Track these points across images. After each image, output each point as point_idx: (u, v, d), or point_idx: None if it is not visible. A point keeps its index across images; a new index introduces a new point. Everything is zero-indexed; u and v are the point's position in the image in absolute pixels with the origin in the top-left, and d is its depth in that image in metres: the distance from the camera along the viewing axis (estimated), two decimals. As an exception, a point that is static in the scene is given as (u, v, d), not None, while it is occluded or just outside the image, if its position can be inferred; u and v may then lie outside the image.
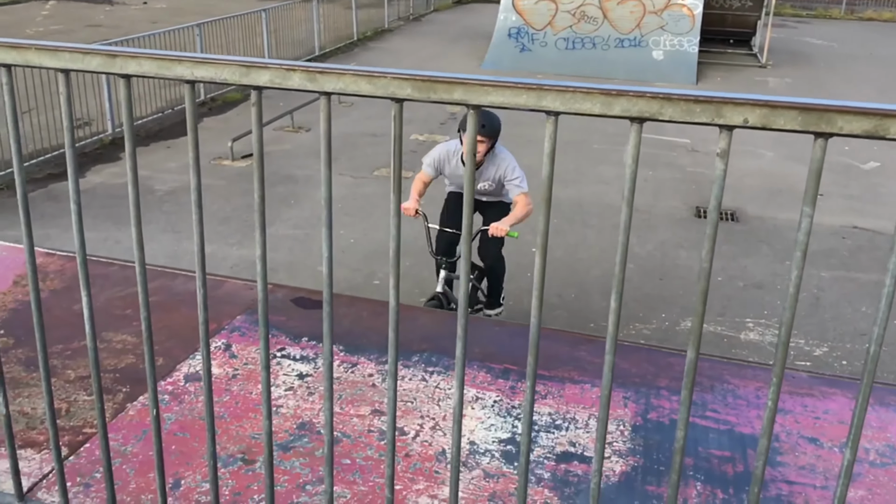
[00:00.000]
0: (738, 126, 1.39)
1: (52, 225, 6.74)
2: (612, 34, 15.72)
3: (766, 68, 15.76)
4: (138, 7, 21.14)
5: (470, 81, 1.50)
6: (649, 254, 6.88)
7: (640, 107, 1.43)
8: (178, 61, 1.63)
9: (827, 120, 1.35)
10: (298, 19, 15.60)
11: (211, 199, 7.43)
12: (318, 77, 1.56)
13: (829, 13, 24.85)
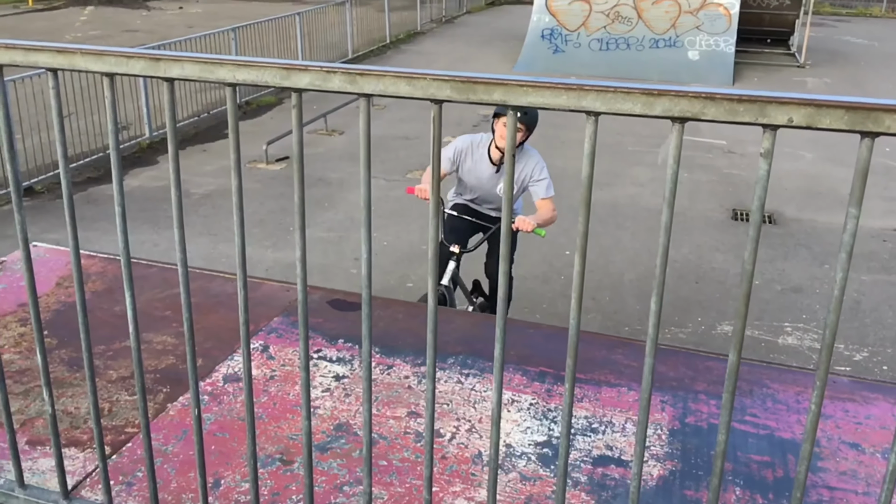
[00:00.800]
0: (783, 126, 1.37)
1: (92, 228, 6.86)
2: (647, 34, 15.60)
3: (804, 68, 15.52)
4: (174, 12, 21.45)
5: (509, 82, 1.50)
6: (685, 257, 6.81)
7: (682, 106, 1.41)
8: (220, 64, 1.65)
9: (874, 119, 1.33)
10: (332, 22, 15.71)
11: (246, 203, 7.50)
12: (358, 79, 1.57)
13: (870, 11, 24.40)
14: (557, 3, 15.95)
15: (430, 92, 1.54)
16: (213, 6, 22.66)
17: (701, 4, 15.33)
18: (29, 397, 2.37)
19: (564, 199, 8.23)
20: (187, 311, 1.74)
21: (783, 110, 1.36)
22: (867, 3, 25.51)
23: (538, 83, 1.49)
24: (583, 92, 1.46)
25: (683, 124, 1.43)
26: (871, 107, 1.32)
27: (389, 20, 17.65)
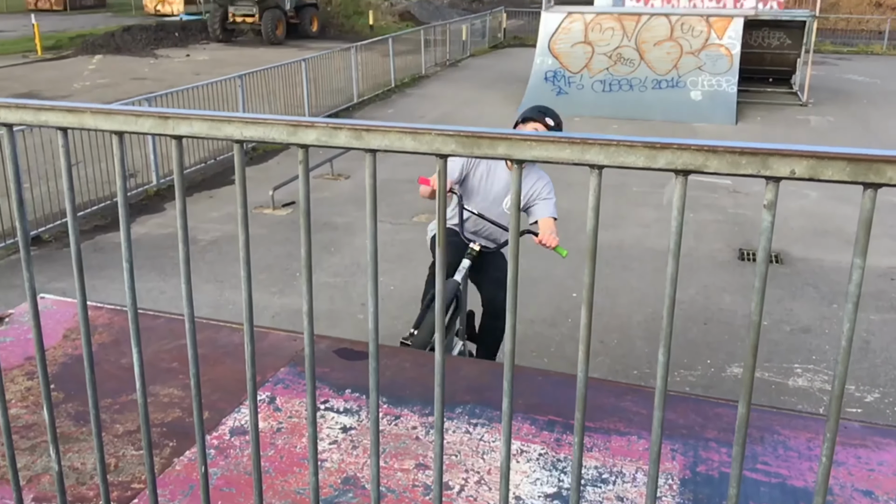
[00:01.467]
0: (786, 178, 1.38)
1: (99, 276, 6.89)
2: (650, 75, 15.76)
3: (806, 106, 15.63)
4: (182, 60, 21.79)
5: (513, 137, 1.51)
6: (692, 298, 6.79)
7: (685, 159, 1.42)
8: (227, 121, 1.67)
9: (876, 170, 1.33)
10: (337, 68, 15.92)
11: (252, 248, 7.50)
12: (364, 134, 1.59)
13: (871, 49, 24.64)
14: (560, 45, 16.16)
15: (434, 147, 1.56)
16: (219, 53, 23.01)
17: (702, 45, 15.50)
18: (35, 453, 2.36)
19: (570, 241, 8.25)
20: (194, 366, 1.74)
21: (785, 162, 1.37)
22: (868, 40, 25.78)
23: (541, 137, 1.50)
24: (586, 146, 1.47)
25: (686, 177, 1.44)
26: (872, 158, 1.33)
27: (394, 64, 17.89)
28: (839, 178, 1.36)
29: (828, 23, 26.59)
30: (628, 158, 1.47)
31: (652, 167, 1.46)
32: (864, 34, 27.02)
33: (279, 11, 25.41)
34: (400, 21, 31.20)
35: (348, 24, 29.40)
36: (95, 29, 25.93)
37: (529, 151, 1.53)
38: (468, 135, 1.55)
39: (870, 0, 30.22)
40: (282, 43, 25.06)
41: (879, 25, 26.91)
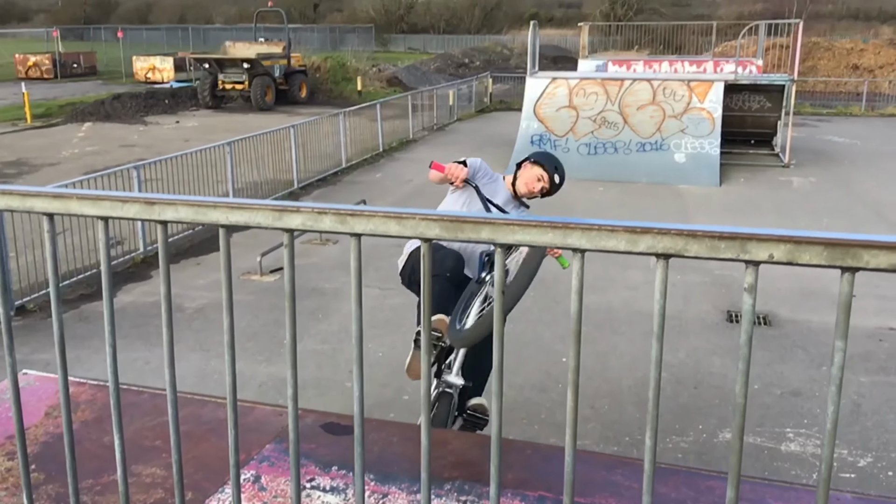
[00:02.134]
0: (764, 262, 1.40)
1: (83, 346, 6.82)
2: (634, 138, 16.01)
3: (789, 168, 15.88)
4: (171, 126, 21.99)
5: (496, 221, 1.53)
6: (682, 362, 6.78)
7: (665, 244, 1.44)
8: (213, 207, 1.68)
9: (852, 255, 1.36)
10: (326, 133, 16.10)
11: (239, 315, 7.50)
12: (349, 219, 1.61)
13: (850, 110, 25.17)
14: (545, 109, 16.44)
15: (419, 231, 1.58)
16: (209, 120, 23.26)
17: (684, 109, 15.81)
18: (13, 538, 2.30)
19: (560, 304, 8.29)
20: (177, 452, 1.72)
21: (764, 247, 1.39)
22: (846, 102, 26.36)
23: (524, 222, 1.52)
24: (568, 230, 1.49)
25: (668, 260, 1.46)
26: (848, 243, 1.35)
27: (382, 129, 18.11)
28: (817, 263, 1.38)
29: (806, 85, 27.24)
30: (609, 242, 1.49)
31: (633, 251, 1.48)
32: (843, 96, 27.65)
33: (268, 78, 25.80)
34: (388, 86, 31.74)
35: (337, 89, 29.86)
36: (85, 97, 26.23)
37: (512, 235, 1.54)
38: (452, 219, 1.56)
39: (846, 63, 31.05)
40: (271, 109, 25.39)
41: (857, 87, 27.58)
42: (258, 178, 13.13)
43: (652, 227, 1.45)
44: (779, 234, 1.38)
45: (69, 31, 49.17)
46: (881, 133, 20.78)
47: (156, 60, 32.93)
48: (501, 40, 52.59)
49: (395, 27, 63.38)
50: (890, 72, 30.00)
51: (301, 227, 1.63)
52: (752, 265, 1.42)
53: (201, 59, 27.00)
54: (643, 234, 1.45)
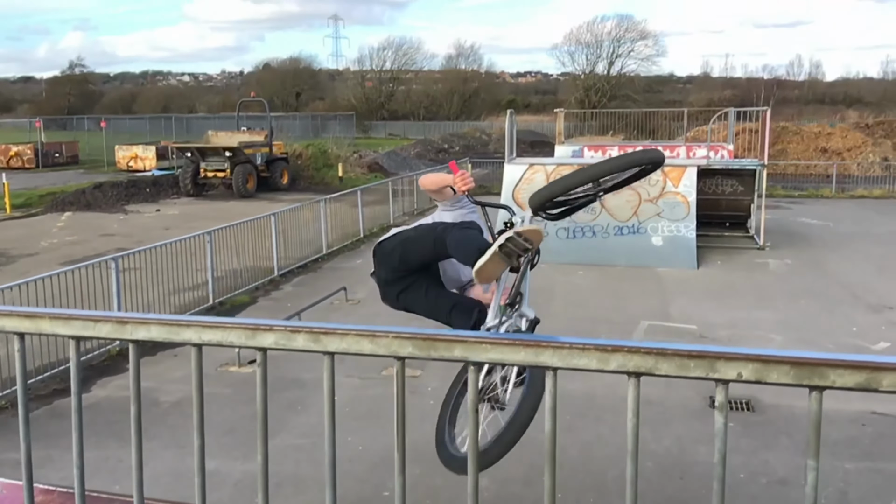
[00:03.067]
0: (733, 381, 1.41)
1: (55, 445, 6.65)
2: (611, 222, 16.22)
3: (764, 250, 16.11)
4: (151, 214, 22.04)
5: (468, 339, 1.54)
6: (666, 450, 6.71)
7: (636, 362, 1.45)
8: (186, 326, 1.68)
9: (819, 374, 1.37)
10: (306, 219, 16.19)
11: (216, 409, 7.37)
12: (322, 337, 1.61)
13: (821, 192, 25.74)
14: (523, 194, 16.67)
15: (392, 349, 1.58)
16: (190, 208, 23.37)
17: (660, 193, 16.10)
18: None
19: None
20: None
21: (732, 365, 1.40)
22: (817, 185, 26.99)
23: (496, 340, 1.53)
24: (540, 348, 1.50)
25: (639, 378, 1.47)
26: (815, 362, 1.37)
27: (363, 215, 18.25)
28: (784, 381, 1.40)
29: (777, 168, 27.92)
30: (581, 361, 1.50)
31: (604, 370, 1.49)
32: (813, 178, 28.34)
33: (250, 166, 26.08)
34: (368, 172, 32.17)
35: (318, 176, 30.20)
36: (66, 186, 26.31)
37: (485, 354, 1.55)
38: (425, 337, 1.57)
39: (815, 146, 31.94)
40: (252, 196, 25.58)
41: (827, 170, 28.30)
42: (238, 266, 13.11)
43: (622, 345, 1.46)
44: (746, 353, 1.40)
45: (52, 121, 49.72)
46: (852, 214, 21.21)
47: (138, 149, 33.26)
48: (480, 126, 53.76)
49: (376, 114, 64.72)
50: (857, 154, 30.87)
51: (274, 346, 1.63)
52: (722, 384, 1.44)
53: (183, 148, 27.31)
54: (614, 353, 1.47)
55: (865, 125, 34.47)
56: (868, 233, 18.28)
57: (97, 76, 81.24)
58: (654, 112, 27.10)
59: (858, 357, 1.34)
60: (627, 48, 61.24)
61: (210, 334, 1.65)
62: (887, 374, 1.32)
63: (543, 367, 1.50)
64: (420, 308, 3.95)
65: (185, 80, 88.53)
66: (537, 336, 1.50)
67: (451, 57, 70.17)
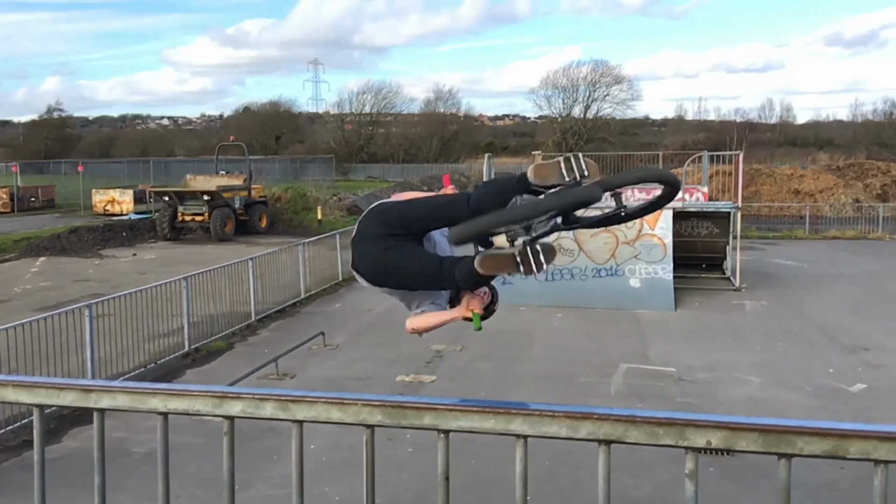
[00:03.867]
0: (703, 448, 1.41)
1: (22, 498, 6.48)
2: (589, 265, 16.30)
3: (740, 291, 16.23)
4: (127, 259, 21.85)
5: (438, 406, 1.53)
6: (647, 497, 6.66)
7: (606, 430, 1.45)
8: (151, 394, 1.66)
9: (787, 441, 1.38)
10: (285, 263, 16.13)
11: (191, 459, 7.24)
12: (290, 406, 1.59)
13: (794, 234, 26.07)
14: (501, 238, 16.74)
15: (361, 417, 1.57)
16: (167, 252, 23.21)
17: (636, 236, 16.23)
18: None
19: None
20: None
21: (701, 433, 1.40)
22: (791, 226, 27.35)
23: (466, 407, 1.53)
24: (510, 416, 1.50)
25: (609, 446, 1.47)
26: (782, 429, 1.38)
27: (341, 258, 18.20)
28: (753, 449, 1.40)
29: (751, 209, 28.28)
30: (551, 428, 1.49)
31: (574, 437, 1.49)
32: (787, 219, 28.73)
33: (229, 209, 26.02)
34: (348, 215, 32.16)
35: (297, 219, 30.17)
36: (42, 230, 26.07)
37: (455, 422, 1.54)
38: (394, 405, 1.56)
39: (788, 188, 32.45)
40: (230, 239, 25.47)
41: (800, 211, 28.72)
42: (215, 311, 12.99)
43: (591, 412, 1.46)
44: (715, 420, 1.40)
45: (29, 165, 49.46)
46: (826, 255, 21.48)
47: (115, 193, 33.12)
48: (459, 168, 54.08)
49: (356, 157, 65.03)
50: (829, 196, 31.38)
51: (241, 415, 1.61)
52: (692, 451, 1.43)
53: (161, 191, 27.23)
54: (584, 420, 1.46)
55: (836, 167, 35.13)
56: (841, 274, 18.50)
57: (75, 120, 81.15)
58: (630, 155, 27.45)
59: (824, 424, 1.34)
60: (603, 92, 62.27)
61: (176, 402, 1.62)
62: (854, 441, 1.33)
63: (513, 434, 1.49)
64: (405, 263, 3.29)
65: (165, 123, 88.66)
66: (507, 403, 1.50)
67: (430, 100, 70.95)
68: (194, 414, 1.61)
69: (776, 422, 1.36)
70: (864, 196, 31.23)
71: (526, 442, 1.50)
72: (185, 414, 1.63)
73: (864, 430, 1.32)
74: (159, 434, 1.64)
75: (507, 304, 15.54)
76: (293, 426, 1.58)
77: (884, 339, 12.29)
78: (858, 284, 17.09)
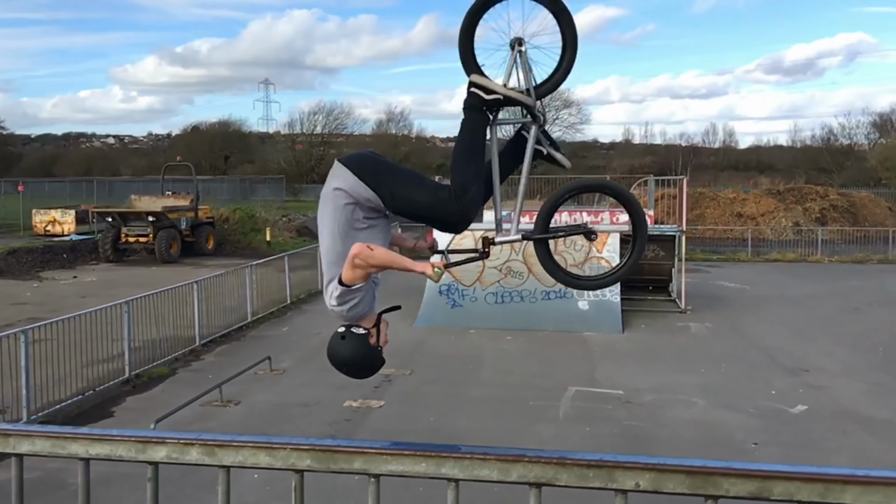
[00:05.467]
0: (631, 490, 1.41)
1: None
2: (539, 287, 16.41)
3: (685, 313, 16.51)
4: (68, 282, 21.28)
5: (369, 451, 1.51)
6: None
7: (536, 473, 1.45)
8: (73, 439, 1.60)
9: (713, 483, 1.39)
10: (231, 286, 15.87)
11: (129, 490, 7.03)
12: (217, 450, 1.55)
13: (737, 256, 26.67)
14: (452, 260, 16.78)
15: (290, 462, 1.54)
16: (109, 274, 22.68)
17: (585, 258, 16.43)
18: None
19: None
20: None
21: (630, 475, 1.41)
22: (734, 248, 27.98)
23: (396, 451, 1.51)
24: (441, 459, 1.48)
25: (540, 489, 1.46)
26: (708, 471, 1.39)
27: (290, 281, 18.02)
28: (680, 491, 1.41)
29: (696, 232, 28.85)
30: (482, 471, 1.48)
31: (505, 480, 1.48)
32: (731, 242, 29.40)
33: (174, 230, 25.58)
34: (297, 236, 31.88)
35: (245, 240, 29.78)
36: (-21, 251, 25.26)
37: (386, 465, 1.52)
38: (324, 449, 1.53)
39: (731, 211, 33.22)
40: (176, 261, 25.01)
41: (743, 234, 29.40)
42: (158, 336, 12.70)
43: (522, 454, 1.45)
44: (643, 462, 1.41)
45: (-33, 183, 47.95)
46: (767, 278, 22.00)
47: (56, 213, 32.24)
48: (409, 190, 54.00)
49: (307, 177, 64.57)
50: (771, 219, 32.22)
51: (166, 460, 1.57)
52: (621, 494, 1.44)
53: (104, 212, 26.64)
54: (514, 463, 1.45)
55: (777, 191, 36.09)
56: (782, 296, 18.96)
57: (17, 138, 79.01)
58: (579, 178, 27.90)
59: (749, 466, 1.36)
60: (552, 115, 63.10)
61: (98, 448, 1.57)
62: (777, 482, 1.34)
63: (444, 478, 1.48)
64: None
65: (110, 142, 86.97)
66: (438, 446, 1.48)
67: (382, 122, 70.95)
68: (117, 460, 1.56)
69: (703, 463, 1.37)
70: (804, 219, 32.14)
71: (458, 486, 1.49)
72: (107, 459, 1.58)
73: (787, 472, 1.34)
74: (80, 480, 1.58)
75: (457, 328, 15.58)
76: (220, 472, 1.54)
77: (823, 360, 12.61)
78: (799, 306, 17.53)
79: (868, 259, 26.10)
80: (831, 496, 1.33)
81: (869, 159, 51.47)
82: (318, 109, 69.36)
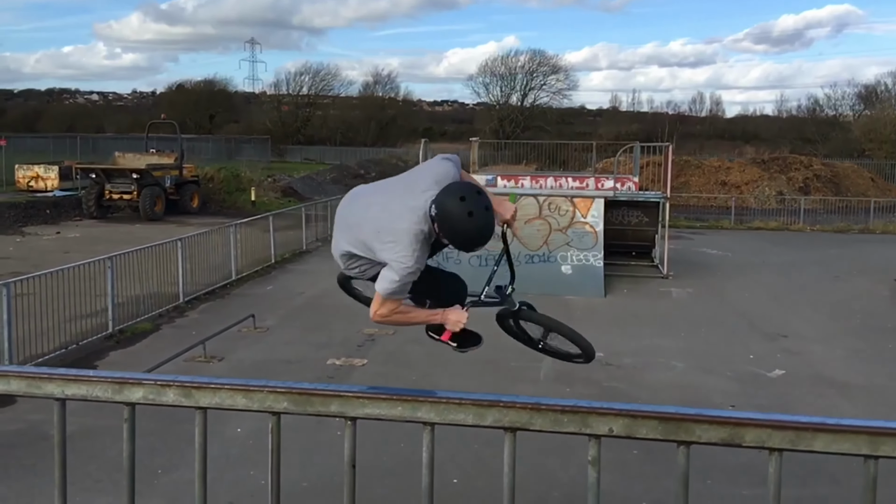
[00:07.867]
0: (605, 435, 1.43)
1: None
2: (523, 251, 16.43)
3: (668, 279, 16.62)
4: (51, 237, 21.12)
5: (345, 394, 1.52)
6: (572, 478, 6.78)
7: (511, 417, 1.46)
8: (48, 379, 1.60)
9: (685, 429, 1.41)
10: (215, 244, 15.81)
11: (110, 442, 7.06)
12: (194, 392, 1.56)
13: (721, 224, 26.83)
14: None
15: (266, 404, 1.54)
16: (93, 230, 22.52)
17: (569, 223, 16.46)
18: None
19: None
20: None
21: (603, 420, 1.42)
22: (717, 216, 28.12)
23: (374, 394, 1.51)
24: (417, 403, 1.49)
25: (515, 433, 1.47)
26: (680, 417, 1.41)
27: (274, 241, 17.96)
28: (653, 437, 1.42)
29: (680, 199, 28.94)
30: (458, 416, 1.49)
31: (481, 424, 1.49)
32: (714, 209, 29.53)
33: (159, 188, 25.37)
34: (282, 197, 31.72)
35: (230, 199, 29.61)
36: (-40, 205, 24.98)
37: (363, 409, 1.53)
38: (300, 392, 1.54)
39: (715, 180, 33.32)
40: (160, 219, 24.86)
41: (726, 202, 29.53)
42: (141, 292, 12.66)
43: (498, 399, 1.47)
44: (617, 408, 1.43)
45: (-53, 137, 47.17)
46: (749, 245, 22.15)
47: (40, 169, 31.85)
48: (396, 153, 53.83)
49: (292, 138, 63.99)
50: (755, 188, 32.36)
51: (142, 401, 1.57)
52: (595, 438, 1.45)
53: (88, 168, 26.36)
54: (490, 408, 1.47)
55: (762, 160, 36.21)
56: (764, 263, 19.11)
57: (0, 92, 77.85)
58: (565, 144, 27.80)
59: (721, 413, 1.38)
60: (540, 81, 62.71)
61: (74, 388, 1.57)
62: (749, 429, 1.36)
63: (420, 422, 1.49)
64: None
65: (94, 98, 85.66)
66: (415, 391, 1.49)
67: (369, 84, 70.23)
68: (93, 400, 1.56)
69: (675, 409, 1.39)
70: (787, 189, 32.29)
71: (433, 429, 1.50)
72: (83, 400, 1.58)
73: (758, 419, 1.36)
74: (56, 420, 1.58)
75: (441, 289, 15.57)
76: (196, 413, 1.55)
77: (802, 326, 12.76)
78: (779, 274, 17.69)
79: (849, 229, 26.32)
80: (802, 443, 1.36)
81: (853, 130, 51.60)
82: (305, 70, 68.52)
